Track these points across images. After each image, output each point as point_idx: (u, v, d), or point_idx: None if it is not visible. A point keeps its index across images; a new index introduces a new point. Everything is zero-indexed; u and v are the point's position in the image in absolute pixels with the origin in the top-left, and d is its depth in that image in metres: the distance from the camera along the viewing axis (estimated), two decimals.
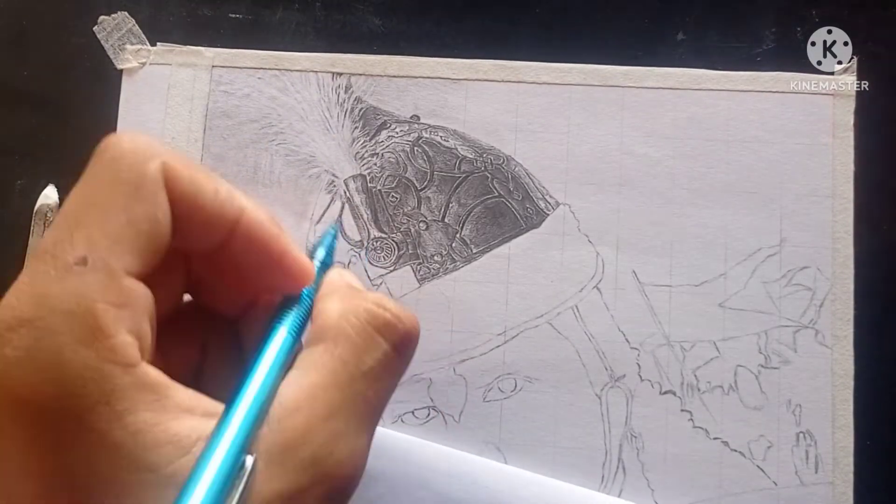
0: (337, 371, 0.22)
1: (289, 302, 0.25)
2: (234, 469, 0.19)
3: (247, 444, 0.20)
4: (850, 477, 0.34)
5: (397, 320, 0.23)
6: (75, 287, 0.19)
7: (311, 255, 0.30)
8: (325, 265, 0.29)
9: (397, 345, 0.23)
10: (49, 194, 0.37)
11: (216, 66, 0.37)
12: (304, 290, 0.25)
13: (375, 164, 0.37)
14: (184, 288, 0.25)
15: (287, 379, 0.22)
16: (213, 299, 0.25)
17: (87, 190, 0.21)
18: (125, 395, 0.19)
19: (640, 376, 0.35)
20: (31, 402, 0.19)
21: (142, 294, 0.21)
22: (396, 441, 0.34)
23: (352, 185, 0.37)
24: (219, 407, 0.21)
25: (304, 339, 0.24)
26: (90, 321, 0.19)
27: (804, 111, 0.36)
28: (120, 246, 0.20)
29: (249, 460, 0.20)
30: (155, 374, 0.20)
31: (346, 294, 0.25)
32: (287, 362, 0.23)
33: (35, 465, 0.19)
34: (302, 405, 0.21)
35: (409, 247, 0.36)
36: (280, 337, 0.23)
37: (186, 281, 0.25)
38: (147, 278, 0.21)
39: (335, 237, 0.31)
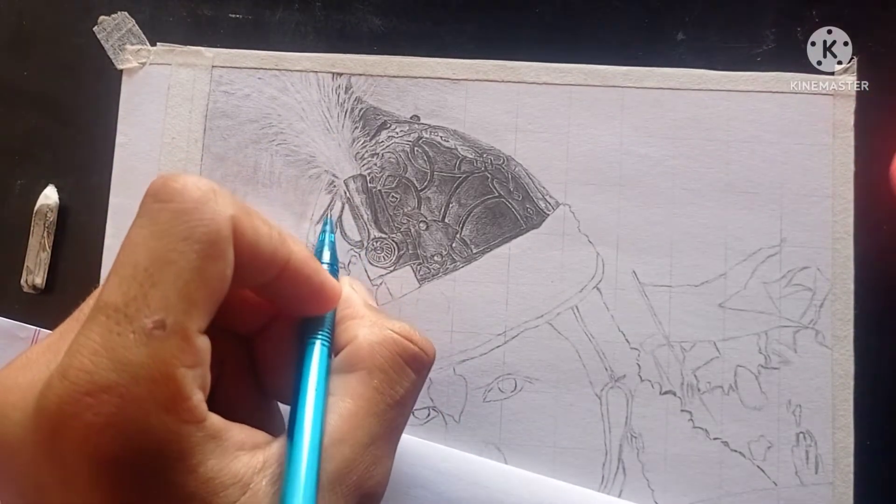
0: (374, 401, 0.24)
1: (312, 320, 0.26)
2: (314, 496, 0.21)
3: (318, 470, 0.22)
4: (851, 477, 0.34)
5: (424, 354, 0.26)
6: (156, 353, 0.20)
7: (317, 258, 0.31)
8: (332, 267, 0.30)
9: (422, 373, 0.26)
10: (49, 194, 0.37)
11: (216, 67, 0.37)
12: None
13: (375, 165, 0.37)
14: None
15: (328, 406, 0.24)
16: (232, 320, 0.26)
17: (158, 244, 0.21)
18: (198, 450, 0.20)
19: (640, 376, 0.35)
20: (112, 465, 0.19)
21: (207, 348, 0.21)
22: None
23: (352, 186, 0.37)
24: (260, 436, 0.22)
25: (332, 363, 0.26)
26: (171, 388, 0.20)
27: (804, 111, 0.36)
28: (195, 308, 0.21)
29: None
30: (218, 422, 0.21)
31: (372, 320, 0.27)
32: (328, 378, 0.24)
33: None
34: (346, 435, 0.23)
35: (410, 247, 0.36)
36: (317, 359, 0.24)
37: None
38: None
39: (332, 234, 0.32)
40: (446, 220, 0.36)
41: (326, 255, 0.31)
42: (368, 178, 0.37)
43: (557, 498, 0.33)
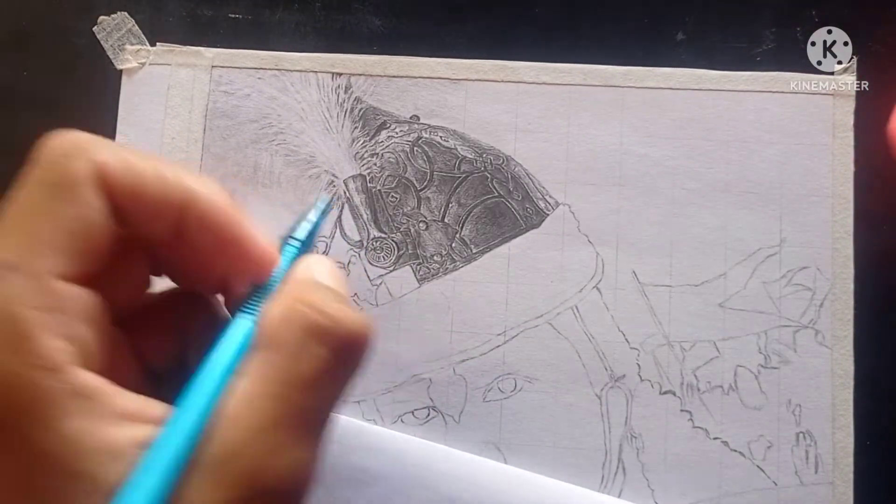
0: (273, 380, 0.21)
1: (256, 291, 0.23)
2: (170, 480, 0.19)
3: (188, 453, 0.19)
4: (850, 477, 0.34)
5: (335, 324, 0.22)
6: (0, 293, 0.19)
7: (289, 235, 0.27)
8: (305, 245, 0.26)
9: (338, 350, 0.22)
10: None
11: (216, 67, 0.37)
12: (272, 279, 0.24)
13: (375, 165, 0.37)
14: (148, 278, 0.25)
15: (231, 387, 0.21)
16: (190, 283, 0.25)
17: (17, 194, 0.21)
18: (54, 402, 0.18)
19: (640, 376, 0.35)
20: None
21: (76, 297, 0.20)
22: (395, 441, 0.34)
23: (351, 186, 0.37)
24: (159, 409, 0.20)
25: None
26: (14, 327, 0.19)
27: (804, 111, 0.36)
28: (45, 247, 0.20)
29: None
30: (90, 379, 0.19)
31: (295, 293, 0.23)
32: (237, 361, 0.22)
33: None
34: (239, 416, 0.20)
35: (409, 247, 0.36)
36: (237, 333, 0.22)
37: (151, 270, 0.24)
38: (92, 278, 0.21)
39: (321, 215, 0.28)
40: (446, 220, 0.36)
41: (301, 231, 0.26)
42: (368, 178, 0.37)
43: (556, 497, 0.33)
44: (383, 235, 0.36)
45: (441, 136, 0.37)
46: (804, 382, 0.35)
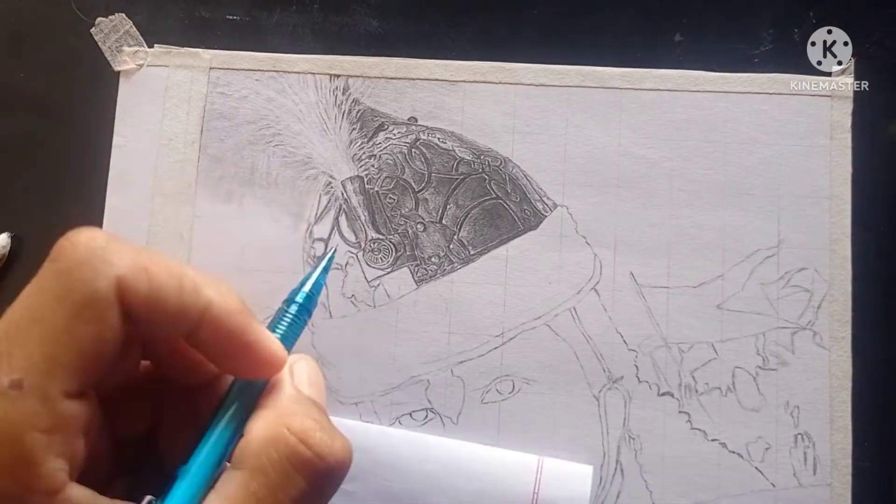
0: None
1: (238, 386, 0.24)
2: None
3: None
4: (849, 479, 0.34)
5: (318, 459, 0.22)
6: (6, 414, 0.19)
7: (293, 294, 0.27)
8: (303, 308, 0.27)
9: (317, 483, 0.22)
10: (1, 241, 0.36)
11: (214, 68, 0.37)
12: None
13: (373, 166, 0.37)
14: (138, 363, 0.25)
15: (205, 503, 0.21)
16: (172, 373, 0.25)
17: (32, 302, 0.20)
18: None
19: (638, 378, 0.35)
20: None
21: (78, 413, 0.20)
22: (354, 430, 0.34)
23: (349, 187, 0.37)
24: None
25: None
26: (17, 451, 0.19)
27: (802, 112, 0.36)
28: (60, 369, 0.20)
29: None
30: (80, 495, 0.20)
31: (281, 412, 0.23)
32: (219, 465, 0.22)
33: None
34: None
35: (407, 248, 0.36)
36: (215, 439, 0.23)
37: (142, 356, 0.24)
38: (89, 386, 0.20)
39: (326, 270, 0.28)
40: (444, 222, 0.36)
41: (301, 294, 0.27)
42: (366, 180, 0.37)
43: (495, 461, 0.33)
44: (381, 237, 0.36)
45: (439, 138, 0.37)
46: (802, 384, 0.35)
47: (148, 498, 0.21)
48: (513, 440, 0.35)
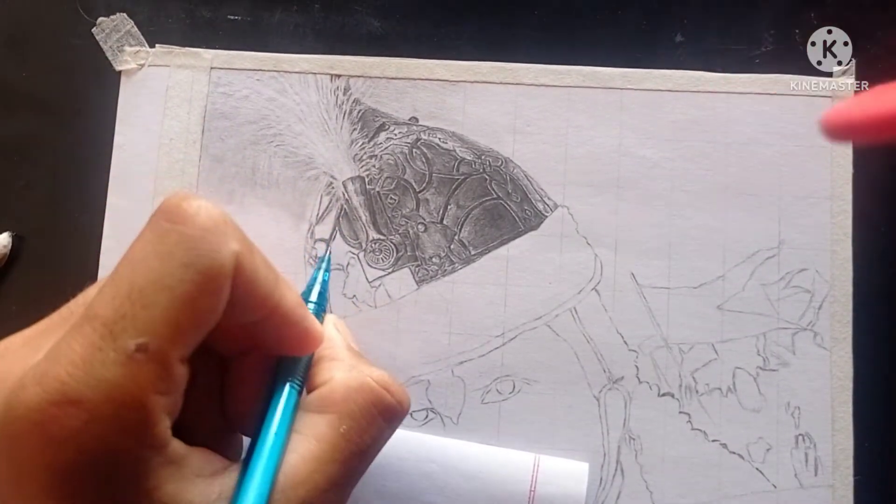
0: (340, 447, 0.24)
1: (288, 358, 0.26)
2: None
3: None
4: (850, 480, 0.34)
5: (398, 405, 0.25)
6: (133, 377, 0.19)
7: (305, 296, 0.31)
8: (318, 307, 0.31)
9: (393, 424, 0.26)
10: (2, 240, 0.36)
11: (215, 68, 0.37)
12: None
13: (374, 166, 0.37)
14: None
15: (291, 445, 0.23)
16: (212, 340, 0.26)
17: (158, 266, 0.20)
18: (155, 474, 0.20)
19: (639, 378, 0.35)
20: (67, 478, 0.19)
21: (184, 375, 0.21)
22: None
23: (350, 187, 0.37)
24: (218, 462, 0.22)
25: (304, 400, 0.26)
26: (140, 413, 0.20)
27: (803, 113, 0.36)
28: (180, 336, 0.20)
29: None
30: (179, 448, 0.21)
31: (351, 364, 0.26)
32: (293, 420, 0.24)
33: None
34: (305, 478, 0.23)
35: (408, 248, 0.36)
36: (283, 402, 0.25)
37: None
38: None
39: (327, 273, 0.33)
40: (445, 222, 0.36)
41: (315, 294, 0.31)
42: (367, 180, 0.37)
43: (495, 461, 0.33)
44: (382, 237, 0.36)
45: (440, 138, 0.37)
46: (803, 385, 0.35)
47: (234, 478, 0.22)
48: (513, 440, 0.35)
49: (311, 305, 0.30)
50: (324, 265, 0.33)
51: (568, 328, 0.35)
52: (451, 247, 0.36)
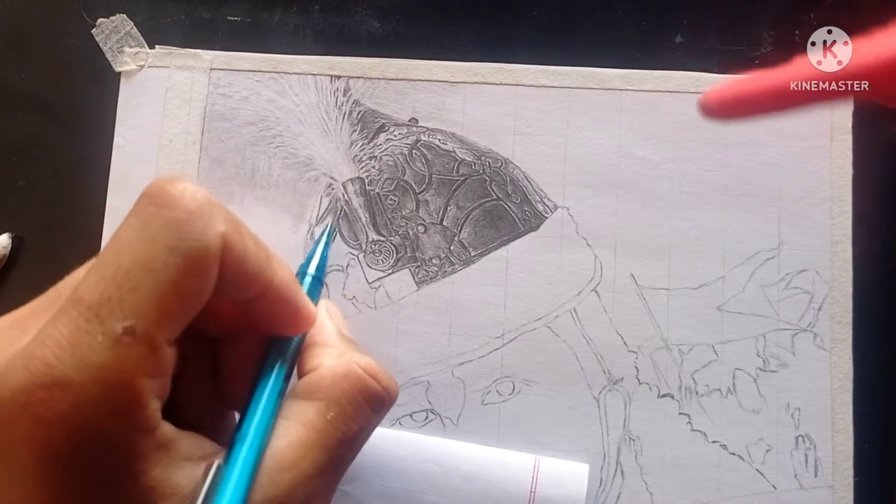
0: (327, 434, 0.24)
1: (279, 339, 0.26)
2: None
3: (247, 493, 0.22)
4: (850, 481, 0.34)
5: (385, 392, 0.25)
6: (120, 359, 0.20)
7: (304, 268, 0.31)
8: (317, 280, 0.31)
9: (380, 412, 0.25)
10: (2, 241, 0.36)
11: (214, 69, 0.37)
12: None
13: (374, 167, 0.37)
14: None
15: (279, 430, 0.23)
16: (202, 323, 0.26)
17: (143, 249, 0.20)
18: (143, 457, 0.20)
19: (639, 379, 0.35)
20: (55, 461, 0.19)
21: (172, 359, 0.21)
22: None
23: (350, 188, 0.37)
24: (209, 446, 0.22)
25: (294, 386, 0.26)
26: (128, 395, 0.20)
27: (802, 114, 0.36)
28: (168, 318, 0.20)
29: None
30: (169, 431, 0.21)
31: (340, 351, 0.26)
32: (279, 405, 0.25)
33: None
34: (291, 463, 0.23)
35: (408, 250, 0.36)
36: (271, 383, 0.25)
37: None
38: None
39: (328, 246, 0.33)
40: (444, 223, 0.36)
41: (313, 266, 0.31)
42: (366, 181, 0.37)
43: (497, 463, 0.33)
44: (382, 238, 0.36)
45: (439, 139, 0.37)
46: (803, 386, 0.35)
47: (217, 462, 0.22)
48: (513, 441, 0.35)
49: (309, 278, 0.30)
50: (324, 238, 0.33)
51: (568, 329, 0.35)
52: (451, 248, 0.36)
